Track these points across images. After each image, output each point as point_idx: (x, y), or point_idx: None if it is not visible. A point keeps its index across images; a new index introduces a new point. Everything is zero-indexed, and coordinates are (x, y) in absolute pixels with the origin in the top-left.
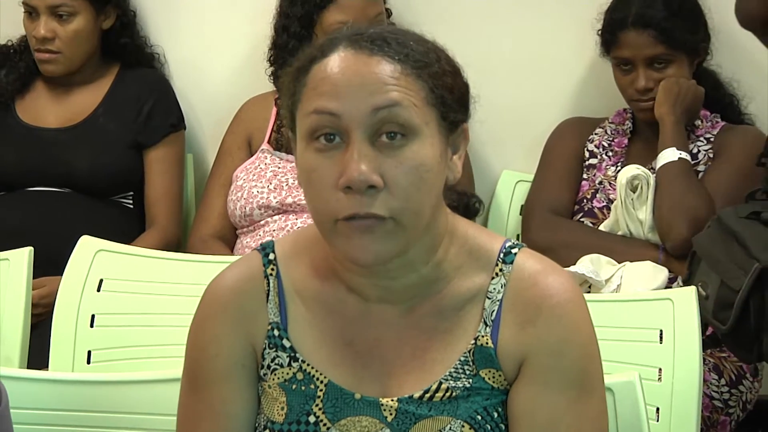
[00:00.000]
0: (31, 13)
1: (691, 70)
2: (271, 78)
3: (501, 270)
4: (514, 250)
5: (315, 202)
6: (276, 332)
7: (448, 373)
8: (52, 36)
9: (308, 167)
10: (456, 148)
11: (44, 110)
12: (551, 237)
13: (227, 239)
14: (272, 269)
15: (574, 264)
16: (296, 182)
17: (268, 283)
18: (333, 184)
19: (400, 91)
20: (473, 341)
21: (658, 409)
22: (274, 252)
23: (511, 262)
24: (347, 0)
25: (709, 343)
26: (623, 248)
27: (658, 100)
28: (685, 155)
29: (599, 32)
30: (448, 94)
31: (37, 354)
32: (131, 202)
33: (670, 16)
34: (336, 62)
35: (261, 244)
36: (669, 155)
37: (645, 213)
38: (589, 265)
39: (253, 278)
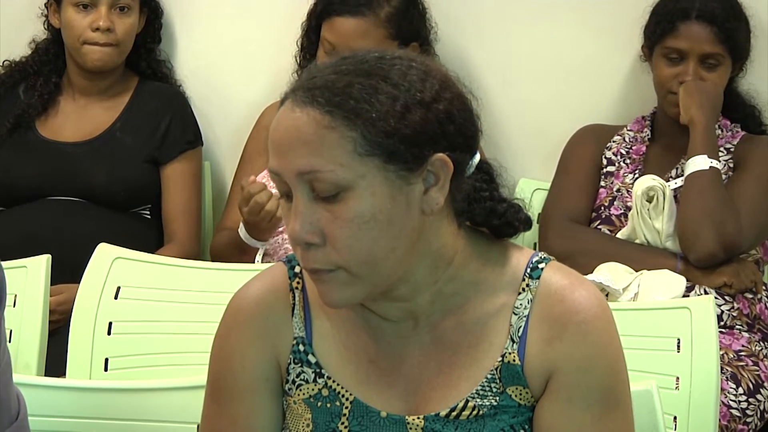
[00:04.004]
0: (86, 6)
1: (726, 81)
2: None
3: (528, 285)
4: (541, 265)
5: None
6: (301, 347)
7: (474, 391)
8: (112, 28)
9: (283, 215)
10: (434, 180)
11: (63, 125)
12: (569, 244)
13: (247, 246)
14: (298, 282)
15: (592, 272)
16: None
17: (294, 297)
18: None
19: (322, 153)
20: (500, 358)
21: (675, 417)
22: (299, 264)
23: (538, 278)
24: (338, 23)
25: None
26: (641, 256)
27: (684, 105)
28: (716, 164)
29: (647, 24)
30: (390, 139)
31: (55, 361)
32: (149, 213)
33: (733, 19)
34: (279, 118)
35: (287, 256)
36: (700, 163)
37: (662, 223)
38: (607, 273)
39: (278, 291)
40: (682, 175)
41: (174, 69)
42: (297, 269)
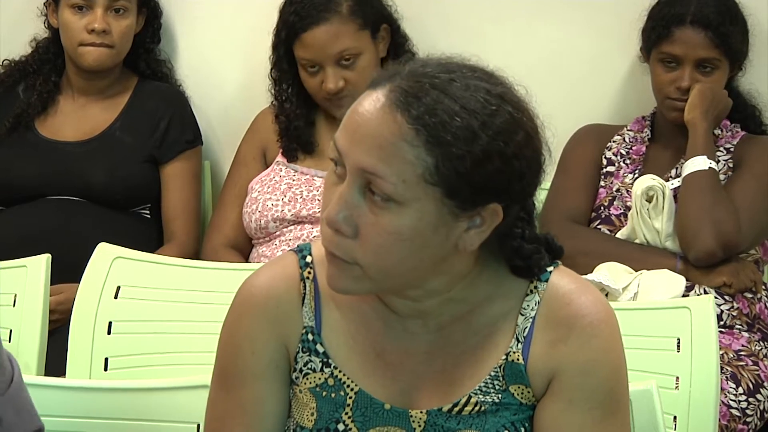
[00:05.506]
0: (82, 7)
1: (723, 84)
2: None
3: (536, 287)
4: (549, 269)
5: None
6: (310, 336)
7: (477, 388)
8: (107, 29)
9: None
10: (479, 223)
11: (63, 124)
12: (568, 244)
13: (240, 248)
14: (309, 272)
15: (591, 272)
16: (311, 194)
17: (305, 286)
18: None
19: (391, 163)
20: (504, 357)
21: (675, 417)
22: (311, 254)
23: (546, 280)
24: (308, 38)
25: None
26: (640, 256)
27: (691, 104)
28: (714, 165)
29: (644, 27)
30: (460, 179)
31: (55, 361)
32: (149, 212)
33: (728, 23)
34: (365, 101)
35: (298, 246)
36: (699, 163)
37: (661, 222)
38: (606, 273)
39: (289, 279)
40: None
41: (174, 69)
42: (308, 259)
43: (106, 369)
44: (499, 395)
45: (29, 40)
